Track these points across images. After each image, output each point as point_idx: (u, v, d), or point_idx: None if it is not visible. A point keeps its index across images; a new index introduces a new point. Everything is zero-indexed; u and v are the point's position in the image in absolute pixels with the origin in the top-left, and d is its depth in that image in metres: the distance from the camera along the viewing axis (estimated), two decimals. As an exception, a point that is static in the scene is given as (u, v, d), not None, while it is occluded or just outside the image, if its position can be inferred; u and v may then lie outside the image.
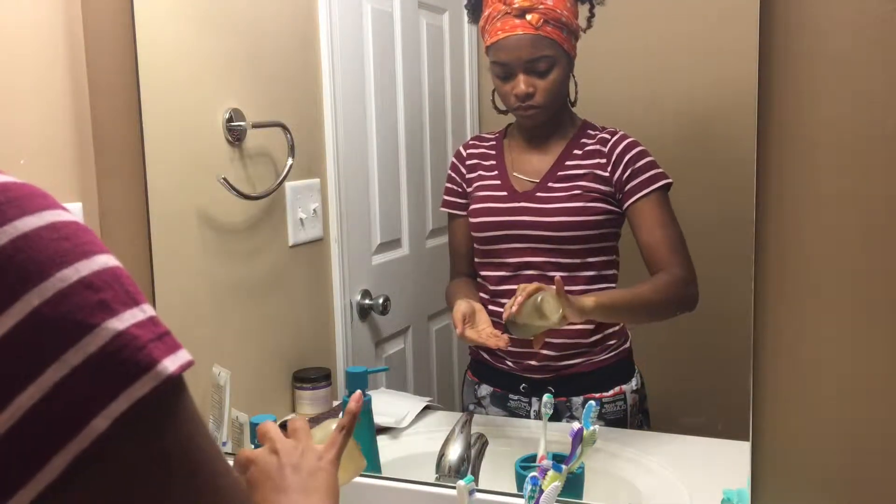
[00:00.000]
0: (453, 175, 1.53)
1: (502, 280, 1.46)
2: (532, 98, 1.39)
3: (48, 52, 1.29)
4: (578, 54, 1.39)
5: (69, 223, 0.46)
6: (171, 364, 0.45)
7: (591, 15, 1.39)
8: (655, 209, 1.38)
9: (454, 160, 1.54)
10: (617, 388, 1.44)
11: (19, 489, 0.41)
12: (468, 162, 1.51)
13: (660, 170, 1.38)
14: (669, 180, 1.38)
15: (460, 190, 1.52)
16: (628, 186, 1.38)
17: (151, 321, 0.46)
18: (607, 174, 1.39)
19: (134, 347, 0.43)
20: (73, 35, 1.33)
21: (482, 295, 1.49)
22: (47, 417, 0.41)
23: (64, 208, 0.47)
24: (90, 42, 1.34)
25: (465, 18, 1.53)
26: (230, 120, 1.45)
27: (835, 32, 0.94)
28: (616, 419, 1.43)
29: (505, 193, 1.45)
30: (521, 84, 1.38)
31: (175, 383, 0.45)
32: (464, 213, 1.51)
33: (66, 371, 0.42)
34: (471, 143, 1.54)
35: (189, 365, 0.46)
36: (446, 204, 1.55)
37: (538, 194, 1.42)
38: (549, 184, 1.41)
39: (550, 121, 1.44)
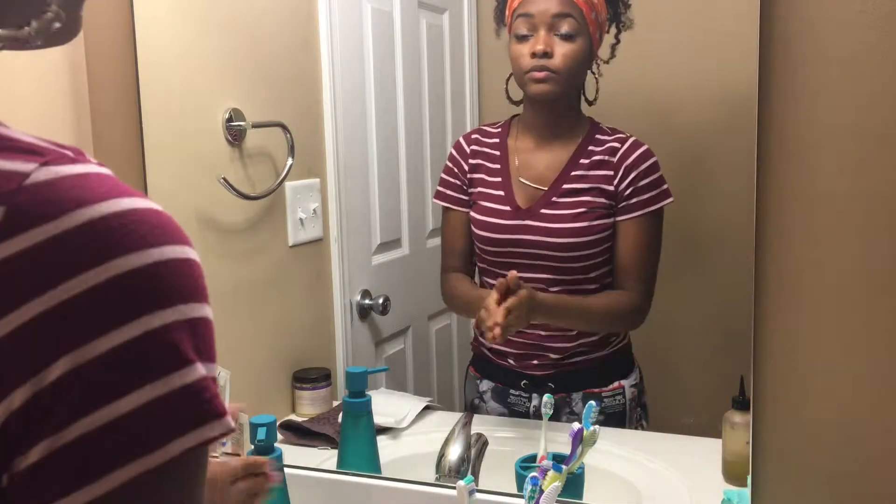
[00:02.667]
0: (454, 169, 1.51)
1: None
2: (549, 58, 1.36)
3: (48, 51, 1.29)
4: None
5: (198, 263, 0.50)
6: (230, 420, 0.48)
7: (617, 41, 1.40)
8: (642, 232, 1.39)
9: (455, 153, 1.51)
10: (616, 383, 1.44)
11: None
12: (471, 160, 1.49)
13: (663, 187, 1.38)
14: (669, 200, 1.38)
15: (462, 185, 1.50)
16: (628, 202, 1.38)
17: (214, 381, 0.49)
18: (612, 188, 1.38)
19: (210, 394, 0.47)
20: (73, 35, 1.33)
21: None
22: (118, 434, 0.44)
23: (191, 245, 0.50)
24: (90, 42, 1.34)
25: (466, 18, 1.52)
26: (230, 120, 1.45)
27: (835, 34, 0.94)
28: (615, 412, 1.44)
29: (508, 208, 1.43)
30: (541, 42, 1.36)
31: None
32: (461, 208, 1.50)
33: (151, 396, 0.44)
34: (473, 137, 1.51)
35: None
36: (443, 197, 1.52)
37: (542, 211, 1.40)
38: (554, 198, 1.40)
39: (560, 110, 1.42)
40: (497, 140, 1.48)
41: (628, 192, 1.37)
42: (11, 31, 0.50)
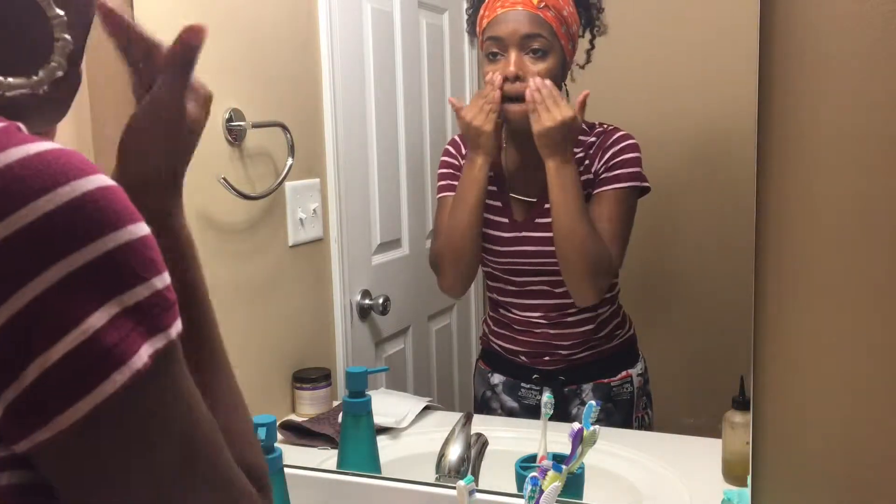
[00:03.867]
0: (454, 162, 1.51)
1: (510, 293, 1.49)
2: (522, 82, 1.35)
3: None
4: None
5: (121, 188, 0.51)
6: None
7: (592, 47, 1.40)
8: (613, 204, 1.38)
9: (452, 149, 1.52)
10: (624, 373, 1.46)
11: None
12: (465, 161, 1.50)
13: (637, 169, 1.38)
14: (643, 184, 1.38)
15: (459, 168, 1.50)
16: (599, 178, 1.38)
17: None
18: (591, 175, 1.39)
19: (170, 302, 0.51)
20: (73, 35, 1.33)
21: (489, 295, 1.52)
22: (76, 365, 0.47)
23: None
24: (90, 42, 1.34)
25: (466, 18, 1.53)
26: (230, 120, 1.45)
27: (835, 34, 0.94)
28: (623, 400, 1.46)
29: (506, 221, 1.46)
30: (512, 63, 1.35)
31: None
32: None
33: (122, 307, 0.48)
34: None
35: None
36: (449, 189, 1.50)
37: (537, 221, 1.42)
38: (546, 206, 1.40)
39: None
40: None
41: (601, 169, 1.38)
42: (23, 80, 0.57)
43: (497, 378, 1.53)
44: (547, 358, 1.47)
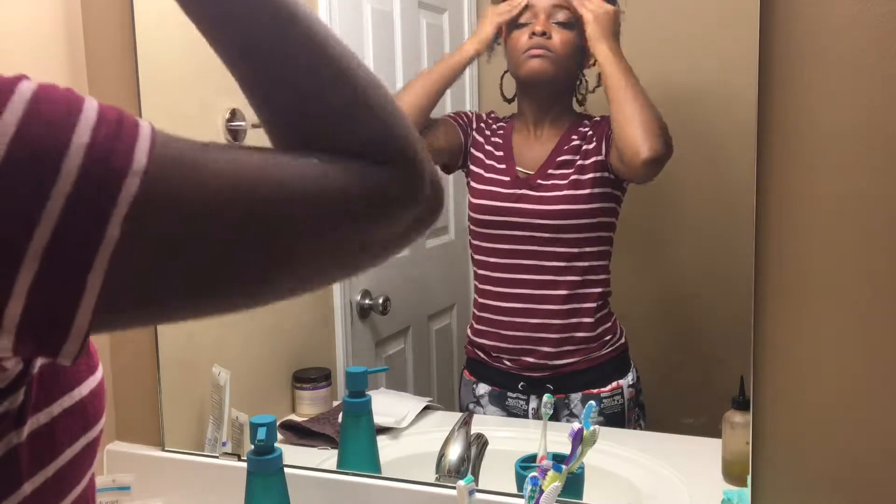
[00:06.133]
0: (464, 121, 1.55)
1: (497, 267, 1.48)
2: (548, 39, 1.42)
3: (48, 51, 1.29)
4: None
5: None
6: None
7: None
8: None
9: (469, 114, 1.56)
10: (614, 384, 1.45)
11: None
12: (477, 136, 1.53)
13: None
14: None
15: (464, 128, 1.54)
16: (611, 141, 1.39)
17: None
18: (602, 157, 1.40)
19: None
20: (73, 35, 1.33)
21: (476, 284, 1.50)
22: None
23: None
24: (90, 42, 1.34)
25: (466, 18, 1.53)
26: (230, 120, 1.45)
27: (834, 34, 0.94)
28: (614, 413, 1.44)
29: (508, 179, 1.48)
30: (541, 24, 1.43)
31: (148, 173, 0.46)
32: (459, 130, 1.54)
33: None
34: (487, 119, 1.55)
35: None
36: (453, 118, 1.56)
37: (539, 181, 1.44)
38: (549, 171, 1.43)
39: (552, 98, 1.46)
40: (502, 133, 1.52)
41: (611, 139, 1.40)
42: None
43: (483, 388, 1.52)
44: (531, 359, 1.45)
